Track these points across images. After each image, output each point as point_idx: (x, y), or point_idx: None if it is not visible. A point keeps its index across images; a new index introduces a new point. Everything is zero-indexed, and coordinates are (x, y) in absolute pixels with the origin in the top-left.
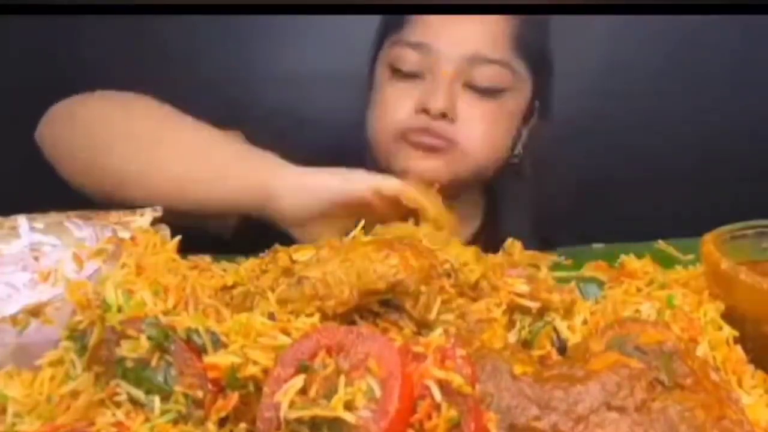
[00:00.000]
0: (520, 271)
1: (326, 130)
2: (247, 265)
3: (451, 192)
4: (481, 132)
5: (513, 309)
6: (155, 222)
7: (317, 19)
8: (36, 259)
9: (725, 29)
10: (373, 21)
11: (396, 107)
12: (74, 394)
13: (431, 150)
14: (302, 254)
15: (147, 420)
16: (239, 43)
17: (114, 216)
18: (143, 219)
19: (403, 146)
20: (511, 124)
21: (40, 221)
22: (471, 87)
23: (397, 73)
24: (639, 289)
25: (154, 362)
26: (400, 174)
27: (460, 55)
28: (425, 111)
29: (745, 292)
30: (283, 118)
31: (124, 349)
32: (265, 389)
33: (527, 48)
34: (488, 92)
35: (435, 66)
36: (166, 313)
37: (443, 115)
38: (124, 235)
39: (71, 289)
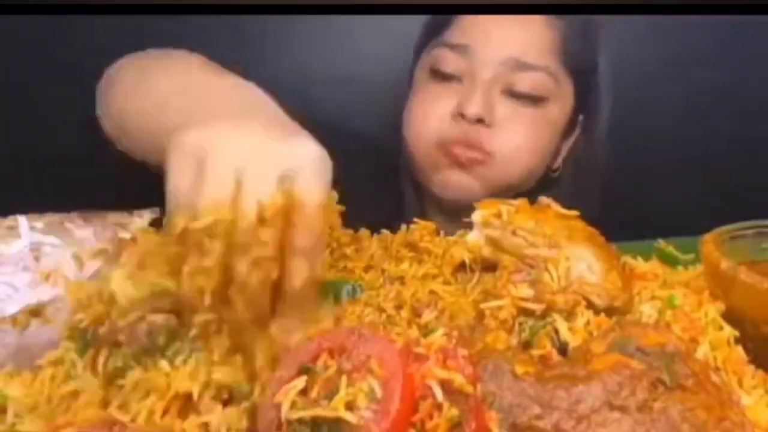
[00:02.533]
0: (524, 275)
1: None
2: None
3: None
4: (519, 140)
5: (518, 312)
6: (153, 223)
7: (329, 19)
8: (36, 259)
9: (727, 29)
10: (389, 21)
11: (432, 111)
12: (74, 394)
13: (468, 163)
14: None
15: None
16: (250, 44)
17: (113, 217)
18: (142, 220)
19: (441, 157)
20: (552, 136)
21: (40, 221)
22: (511, 93)
23: (436, 75)
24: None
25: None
26: (438, 186)
27: (499, 58)
28: (461, 116)
29: (745, 293)
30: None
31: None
32: (267, 391)
33: (572, 57)
34: (528, 99)
35: (473, 69)
36: None
37: (479, 121)
38: (124, 235)
39: (71, 289)
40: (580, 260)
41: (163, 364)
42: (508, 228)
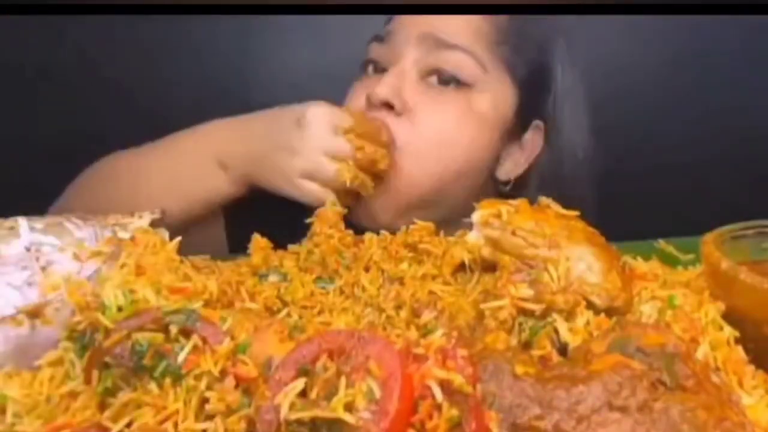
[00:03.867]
0: (524, 275)
1: None
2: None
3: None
4: (431, 127)
5: (518, 313)
6: (154, 224)
7: (319, 18)
8: (36, 259)
9: (728, 29)
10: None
11: (352, 103)
12: (73, 395)
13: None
14: None
15: None
16: (241, 42)
17: (112, 218)
18: (142, 221)
19: None
20: (480, 128)
21: (40, 221)
22: (431, 77)
23: (367, 68)
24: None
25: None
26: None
27: (418, 35)
28: (369, 100)
29: (746, 293)
30: None
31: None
32: (265, 392)
33: (507, 50)
34: (449, 84)
35: (394, 53)
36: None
37: (387, 106)
38: (124, 235)
39: (71, 290)
40: (579, 260)
41: (152, 386)
42: (508, 228)
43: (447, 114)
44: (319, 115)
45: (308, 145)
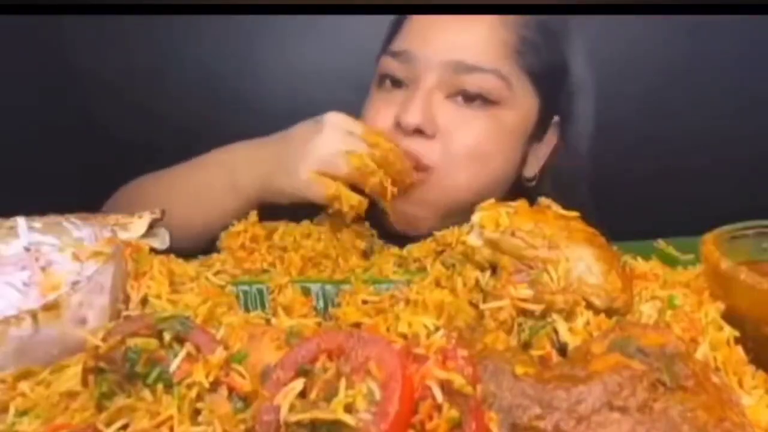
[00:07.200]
0: (524, 276)
1: None
2: None
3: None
4: (464, 146)
5: (517, 313)
6: (154, 224)
7: (321, 17)
8: (36, 259)
9: (728, 30)
10: (380, 19)
11: (376, 121)
12: (72, 395)
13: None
14: None
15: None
16: (243, 42)
17: (112, 218)
18: (141, 221)
19: None
20: (510, 142)
21: (39, 221)
22: (456, 97)
23: (382, 84)
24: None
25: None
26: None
27: (441, 61)
28: (399, 126)
29: (745, 293)
30: (287, 116)
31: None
32: (264, 392)
33: (533, 59)
34: (476, 103)
35: (416, 75)
36: None
37: (418, 131)
38: (124, 235)
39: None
40: (579, 261)
41: (146, 393)
42: (508, 229)
43: (476, 132)
44: (334, 119)
45: (323, 144)
